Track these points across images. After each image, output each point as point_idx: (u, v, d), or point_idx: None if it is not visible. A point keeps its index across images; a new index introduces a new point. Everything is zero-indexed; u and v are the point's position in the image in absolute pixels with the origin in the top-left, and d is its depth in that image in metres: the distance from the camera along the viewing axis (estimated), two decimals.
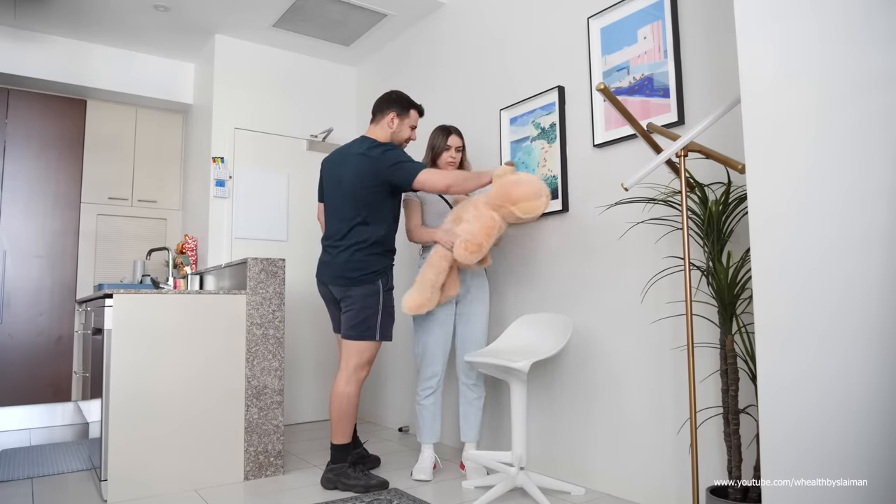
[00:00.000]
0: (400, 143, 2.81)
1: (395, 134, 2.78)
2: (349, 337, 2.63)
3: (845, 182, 1.31)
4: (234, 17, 3.88)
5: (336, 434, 2.63)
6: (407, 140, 2.83)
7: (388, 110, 2.77)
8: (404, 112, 2.78)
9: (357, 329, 2.61)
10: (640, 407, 2.36)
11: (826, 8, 1.35)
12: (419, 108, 2.84)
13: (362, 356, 2.63)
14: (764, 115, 1.46)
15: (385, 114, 2.77)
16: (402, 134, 2.80)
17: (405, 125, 2.79)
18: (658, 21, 2.37)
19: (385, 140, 2.75)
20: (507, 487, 2.35)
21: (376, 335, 2.62)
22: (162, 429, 2.56)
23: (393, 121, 2.76)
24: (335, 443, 2.63)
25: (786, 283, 1.39)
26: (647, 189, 2.31)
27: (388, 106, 2.77)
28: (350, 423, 2.64)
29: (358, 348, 2.62)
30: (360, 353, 2.63)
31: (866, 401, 1.25)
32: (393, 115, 2.76)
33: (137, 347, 2.54)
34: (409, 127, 2.81)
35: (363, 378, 2.67)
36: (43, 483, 2.73)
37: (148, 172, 4.67)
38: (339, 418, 2.62)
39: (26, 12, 3.79)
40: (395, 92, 2.84)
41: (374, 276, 2.63)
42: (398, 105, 2.77)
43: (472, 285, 2.80)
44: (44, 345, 4.15)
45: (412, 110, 2.81)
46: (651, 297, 2.33)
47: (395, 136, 2.78)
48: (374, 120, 2.81)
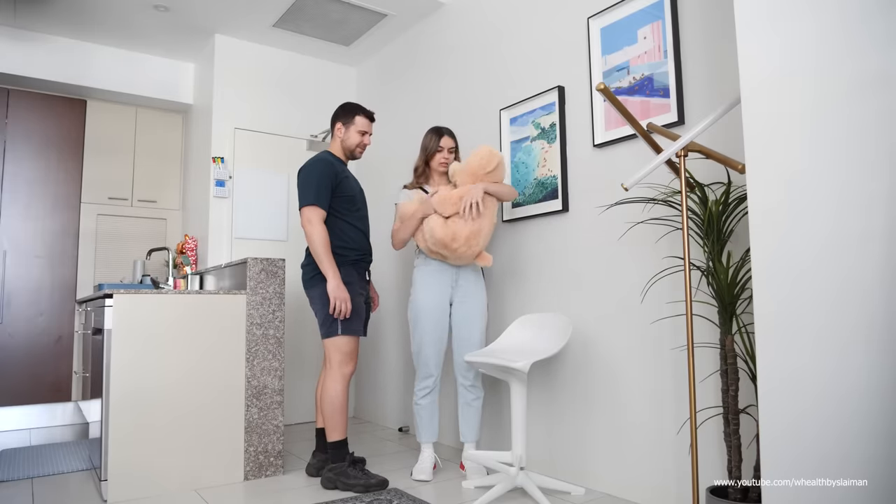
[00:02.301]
0: (352, 149, 2.88)
1: (344, 142, 2.87)
2: (322, 336, 2.72)
3: (843, 181, 1.31)
4: (234, 17, 3.88)
5: (331, 431, 2.66)
6: (358, 146, 2.88)
7: (336, 121, 2.89)
8: (349, 120, 2.86)
9: (323, 327, 2.71)
10: (640, 407, 2.36)
11: (824, 9, 1.36)
12: (367, 113, 2.90)
13: (340, 351, 2.69)
14: (764, 114, 1.46)
15: (334, 125, 2.89)
16: (350, 141, 2.86)
17: (352, 132, 2.85)
18: (658, 21, 2.37)
19: (338, 150, 2.88)
20: (507, 487, 2.35)
21: (339, 329, 2.66)
22: (162, 429, 2.56)
23: (340, 130, 2.87)
24: (331, 440, 2.65)
25: (785, 282, 1.39)
26: (647, 189, 2.31)
27: (335, 118, 2.90)
28: (342, 418, 2.68)
29: (333, 345, 2.69)
30: (338, 349, 2.68)
31: (866, 400, 1.25)
32: (339, 125, 2.87)
33: (137, 347, 2.54)
34: (358, 133, 2.86)
35: (349, 374, 2.71)
36: (43, 483, 2.73)
37: (148, 172, 4.67)
38: (330, 414, 2.66)
39: (26, 12, 3.79)
40: (346, 103, 2.95)
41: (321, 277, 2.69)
42: (343, 114, 2.88)
43: (468, 285, 2.79)
44: (44, 345, 4.14)
45: (357, 116, 2.86)
46: (651, 297, 2.33)
47: (345, 144, 2.87)
48: (331, 133, 2.93)
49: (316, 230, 2.64)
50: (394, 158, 4.11)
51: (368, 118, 2.90)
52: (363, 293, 2.82)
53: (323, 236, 2.64)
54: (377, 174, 4.29)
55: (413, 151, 3.90)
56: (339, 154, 2.88)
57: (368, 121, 2.89)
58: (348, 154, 2.90)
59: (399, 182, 4.03)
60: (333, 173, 2.75)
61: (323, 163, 2.76)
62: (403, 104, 4.05)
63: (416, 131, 3.87)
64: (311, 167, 2.76)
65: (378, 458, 3.13)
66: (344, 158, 2.90)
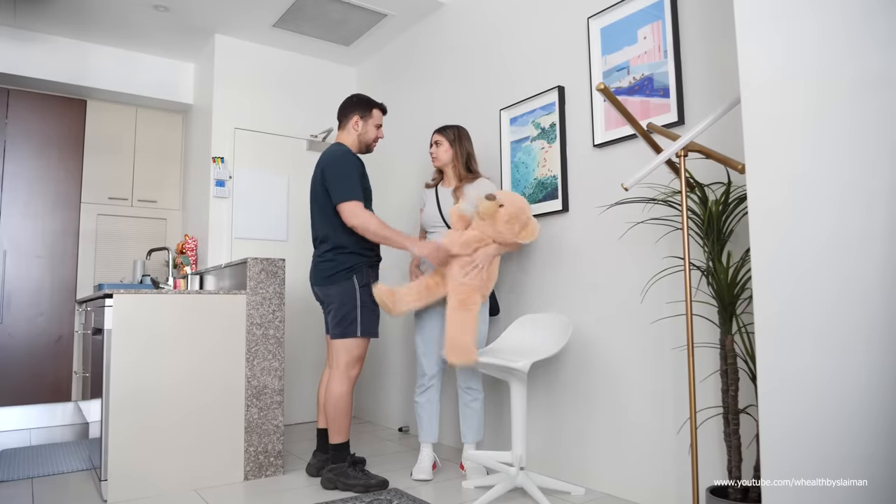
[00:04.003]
0: (368, 143, 2.85)
1: (361, 136, 2.83)
2: (334, 336, 2.67)
3: (844, 181, 1.31)
4: (234, 17, 3.88)
5: (333, 433, 2.64)
6: (375, 140, 2.87)
7: (352, 114, 2.83)
8: (367, 113, 2.83)
9: (339, 327, 2.65)
10: (640, 407, 2.36)
11: (825, 9, 1.36)
12: (381, 107, 2.88)
13: (350, 354, 2.65)
14: (764, 114, 1.46)
15: (349, 118, 2.83)
16: (368, 135, 2.84)
17: (370, 126, 2.83)
18: (658, 21, 2.37)
19: (353, 143, 2.82)
20: (507, 487, 2.35)
21: (357, 331, 2.63)
22: (162, 429, 2.56)
23: (357, 123, 2.81)
24: (333, 442, 2.64)
25: (785, 282, 1.39)
26: (647, 189, 2.31)
27: (350, 110, 2.84)
28: (346, 420, 2.65)
29: (345, 346, 2.65)
30: (348, 351, 2.65)
31: (866, 400, 1.25)
32: (356, 118, 2.81)
33: (137, 347, 2.54)
34: (374, 126, 2.85)
35: (355, 376, 2.68)
36: (43, 483, 2.73)
37: (148, 172, 4.67)
38: (335, 417, 2.63)
39: (26, 12, 3.79)
40: (356, 95, 2.90)
41: (347, 273, 2.65)
42: (360, 107, 2.83)
43: None
44: (44, 345, 4.14)
45: (374, 110, 2.85)
46: (651, 297, 2.33)
47: (362, 138, 2.83)
48: (341, 125, 2.87)
49: (368, 218, 2.60)
50: (394, 158, 4.11)
51: (384, 112, 2.89)
52: None
53: (376, 220, 2.62)
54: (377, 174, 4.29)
55: (413, 151, 3.91)
56: (354, 147, 2.83)
57: (383, 114, 2.89)
58: (364, 148, 2.86)
59: (399, 182, 4.03)
60: (362, 167, 2.74)
61: (353, 156, 2.73)
62: (403, 104, 4.05)
63: (416, 131, 3.87)
64: (344, 160, 2.70)
65: (378, 458, 3.13)
66: (357, 151, 2.84)
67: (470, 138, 2.93)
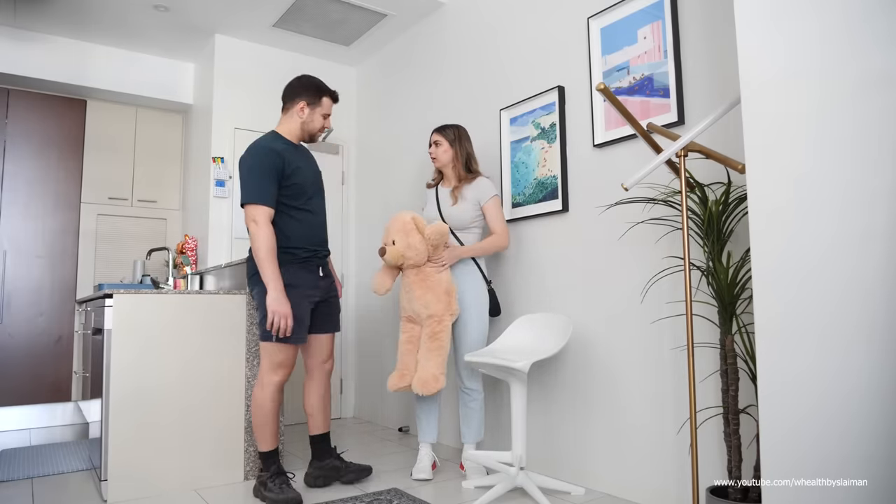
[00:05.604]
0: (313, 133, 2.60)
1: (305, 124, 2.56)
2: (259, 337, 2.48)
3: (845, 181, 1.31)
4: (234, 17, 3.88)
5: (259, 441, 2.48)
6: (321, 130, 2.61)
7: (298, 99, 2.54)
8: (315, 100, 2.55)
9: (260, 328, 2.45)
10: (640, 407, 2.36)
11: (826, 8, 1.36)
12: (333, 95, 2.61)
13: (271, 358, 2.44)
14: (764, 114, 1.46)
15: (295, 102, 2.55)
16: (313, 124, 2.57)
17: (316, 114, 2.57)
18: (658, 21, 2.37)
19: (293, 131, 2.56)
20: (507, 487, 2.35)
21: (273, 336, 2.40)
22: (162, 429, 2.56)
23: (303, 110, 2.54)
24: (259, 450, 2.49)
25: (786, 282, 1.39)
26: (647, 189, 2.31)
27: (297, 94, 2.55)
28: (268, 430, 2.46)
29: (265, 350, 2.46)
30: (268, 356, 2.45)
31: (867, 401, 1.25)
32: (303, 104, 2.54)
33: (137, 347, 2.54)
34: (322, 116, 2.58)
35: (278, 382, 2.46)
36: (43, 483, 2.73)
37: (148, 172, 4.67)
38: (258, 425, 2.47)
39: (26, 12, 3.79)
40: (306, 76, 2.61)
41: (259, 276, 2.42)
42: (308, 93, 2.55)
43: (465, 288, 2.76)
44: (44, 345, 4.14)
45: (324, 98, 2.57)
46: (651, 297, 2.32)
47: (306, 127, 2.57)
48: (284, 108, 2.58)
49: (262, 232, 2.34)
50: (394, 158, 4.11)
51: (335, 100, 2.63)
52: (314, 295, 2.53)
53: (268, 241, 2.35)
54: (377, 174, 4.29)
55: (413, 151, 3.91)
56: (293, 135, 2.56)
57: (334, 103, 2.62)
58: (307, 137, 2.60)
59: (399, 182, 4.03)
60: (280, 164, 2.42)
61: (267, 153, 2.42)
62: (403, 104, 4.05)
63: (416, 131, 3.87)
64: (254, 157, 2.42)
65: (378, 458, 3.13)
66: (296, 140, 2.58)
67: (469, 138, 2.92)
